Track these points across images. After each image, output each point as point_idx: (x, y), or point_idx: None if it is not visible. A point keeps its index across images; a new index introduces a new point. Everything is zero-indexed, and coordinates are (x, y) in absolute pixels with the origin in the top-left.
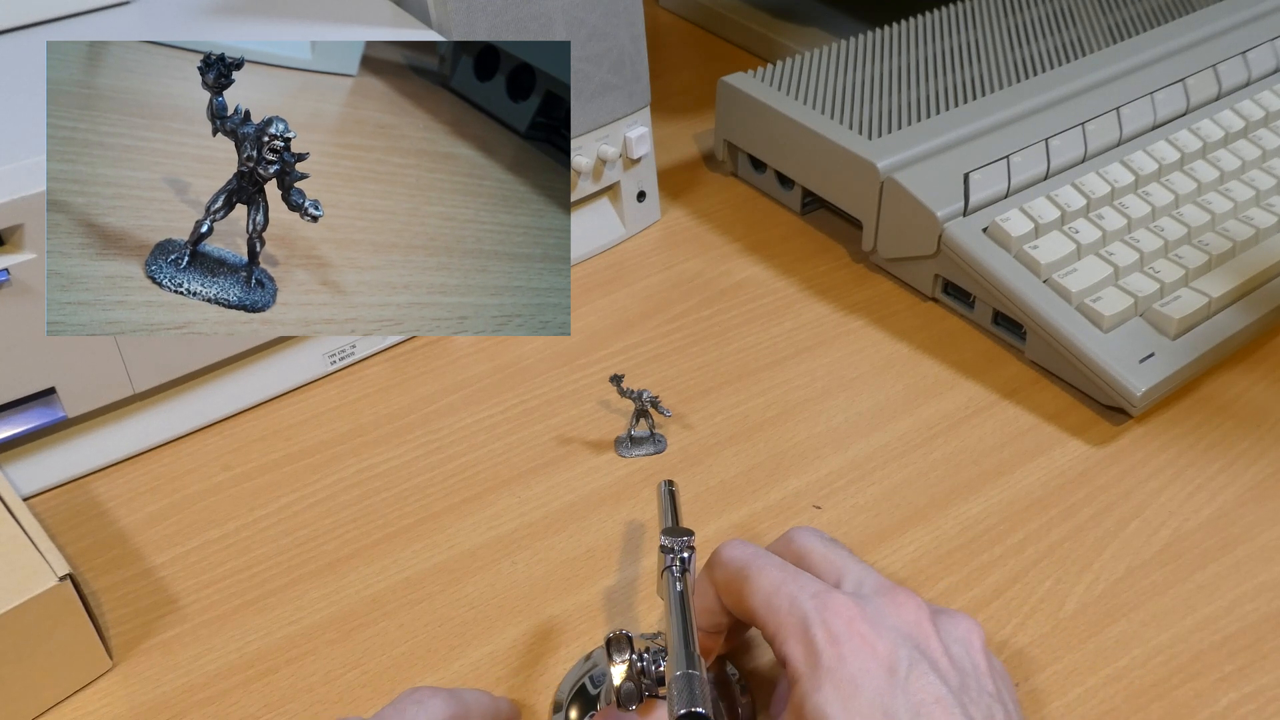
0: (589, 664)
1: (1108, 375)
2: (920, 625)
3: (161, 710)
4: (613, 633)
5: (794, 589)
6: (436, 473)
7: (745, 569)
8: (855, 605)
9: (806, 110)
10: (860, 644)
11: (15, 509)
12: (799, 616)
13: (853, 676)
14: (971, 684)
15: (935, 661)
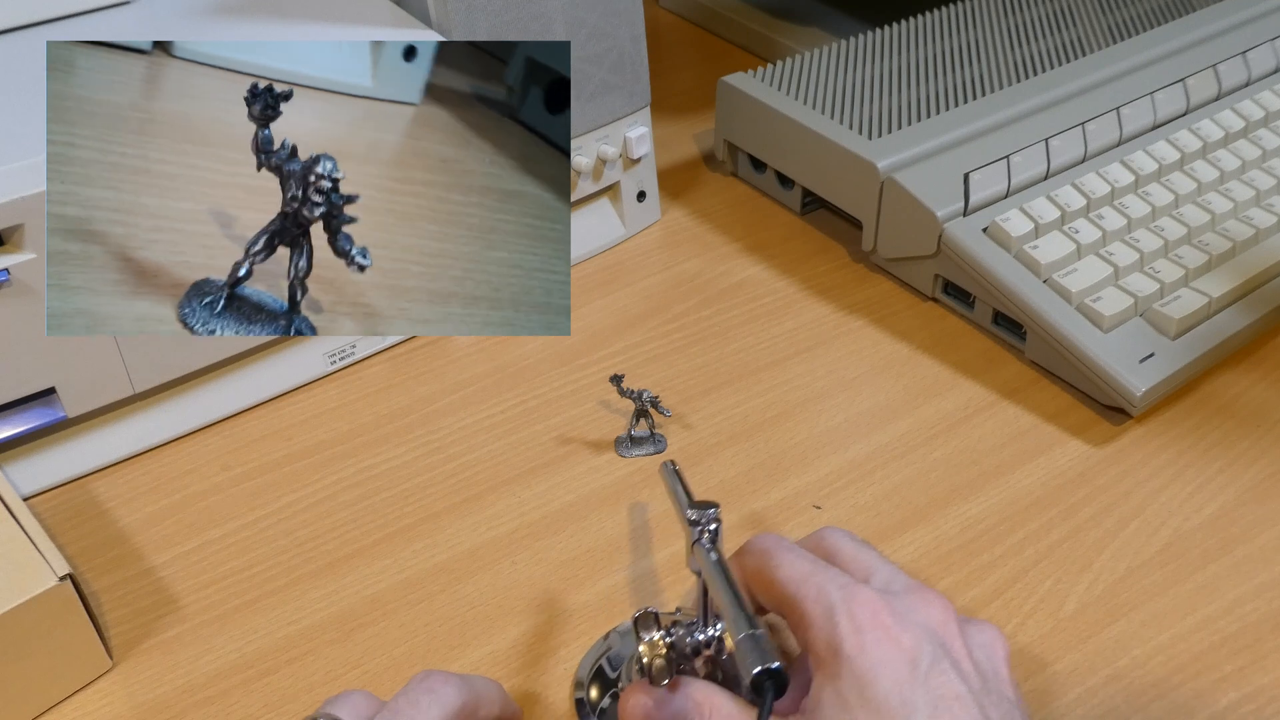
0: (605, 645)
1: (1108, 375)
2: (946, 626)
3: (161, 710)
4: (640, 611)
5: (822, 579)
6: (436, 473)
7: (775, 557)
8: (882, 599)
9: (806, 110)
10: (883, 635)
11: (15, 509)
12: (825, 605)
13: (873, 666)
14: (993, 688)
15: (958, 661)
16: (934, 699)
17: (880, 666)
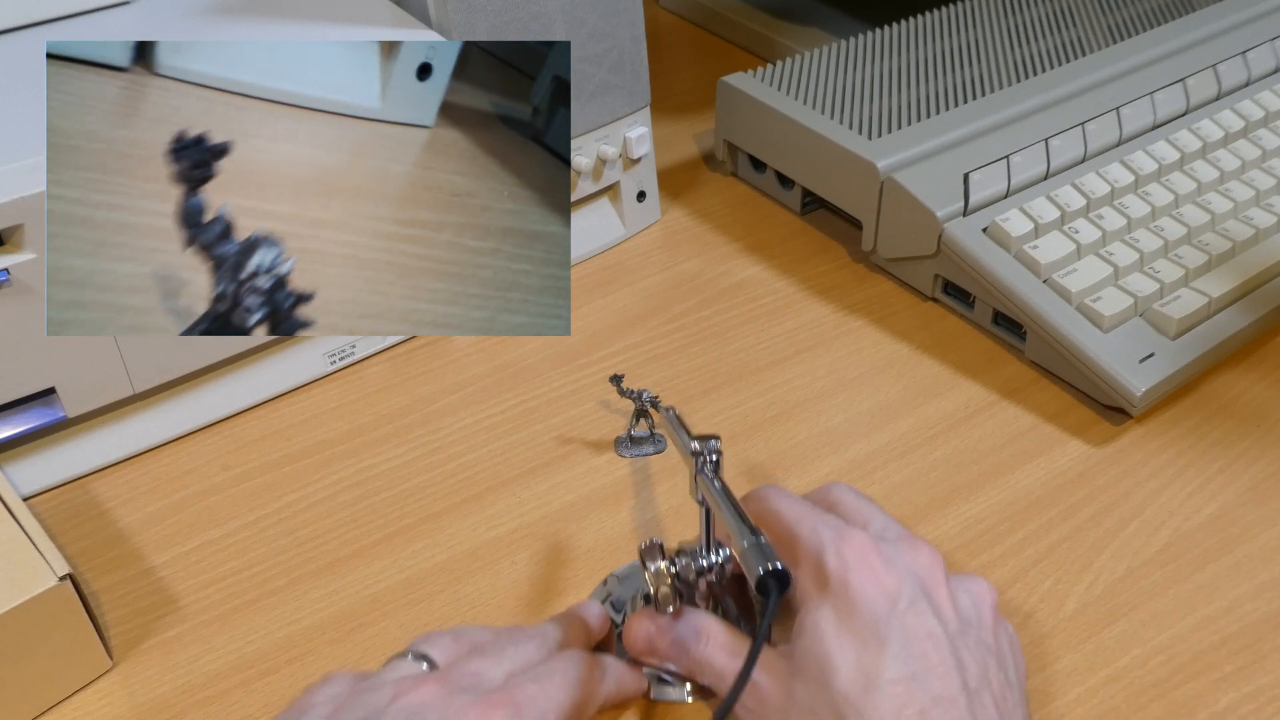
0: (604, 590)
1: (1108, 375)
2: (932, 572)
3: (161, 710)
4: (645, 542)
5: (818, 521)
6: (436, 473)
7: (776, 501)
8: (872, 542)
9: (806, 110)
10: (868, 573)
11: (15, 509)
12: (815, 544)
13: (854, 599)
14: (971, 633)
15: (938, 605)
16: (907, 634)
17: (861, 600)
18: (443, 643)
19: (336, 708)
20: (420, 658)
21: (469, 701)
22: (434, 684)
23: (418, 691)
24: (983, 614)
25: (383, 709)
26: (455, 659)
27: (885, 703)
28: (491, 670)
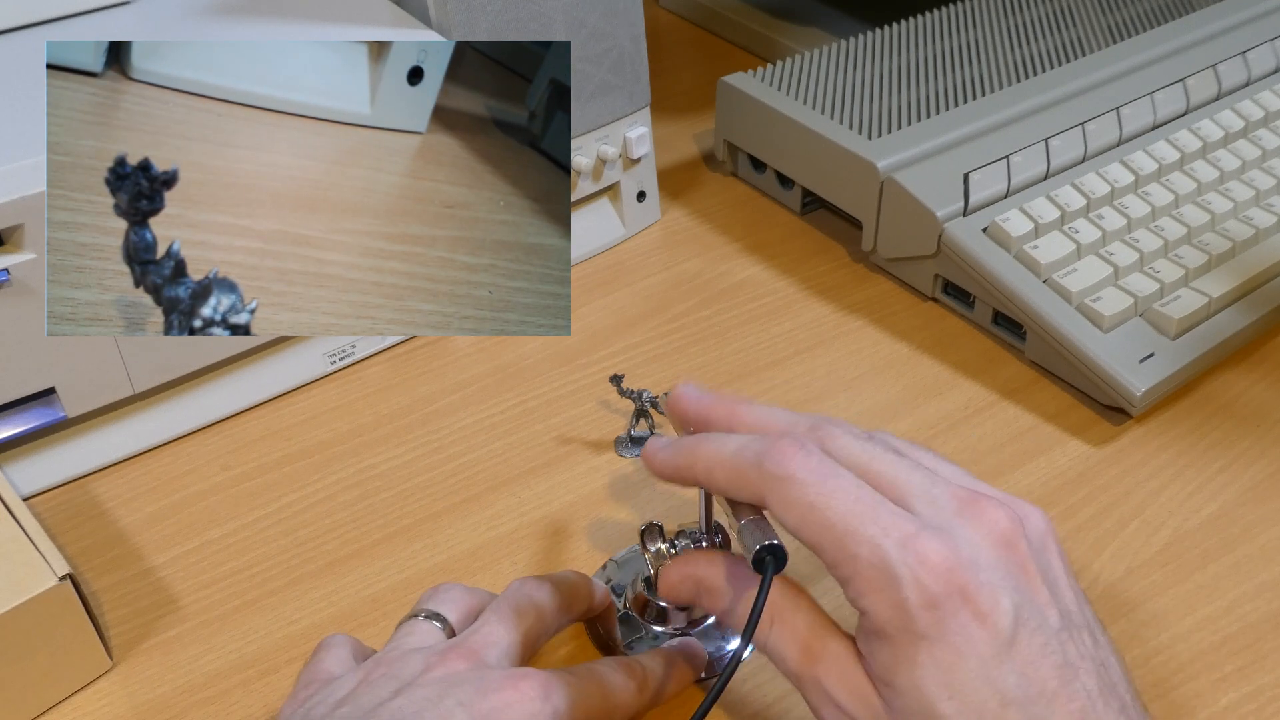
0: (604, 575)
1: (1108, 375)
2: (1016, 547)
3: (161, 710)
4: (645, 524)
5: (873, 530)
6: (436, 473)
7: (811, 493)
8: (947, 550)
9: (806, 110)
10: (960, 604)
11: (15, 509)
12: (883, 570)
13: (955, 647)
14: (1064, 608)
15: (1035, 598)
16: (1022, 667)
17: (963, 645)
18: (453, 597)
19: (365, 676)
20: (433, 616)
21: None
22: (461, 656)
23: (447, 663)
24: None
25: (413, 680)
26: (466, 618)
27: None
28: (508, 636)
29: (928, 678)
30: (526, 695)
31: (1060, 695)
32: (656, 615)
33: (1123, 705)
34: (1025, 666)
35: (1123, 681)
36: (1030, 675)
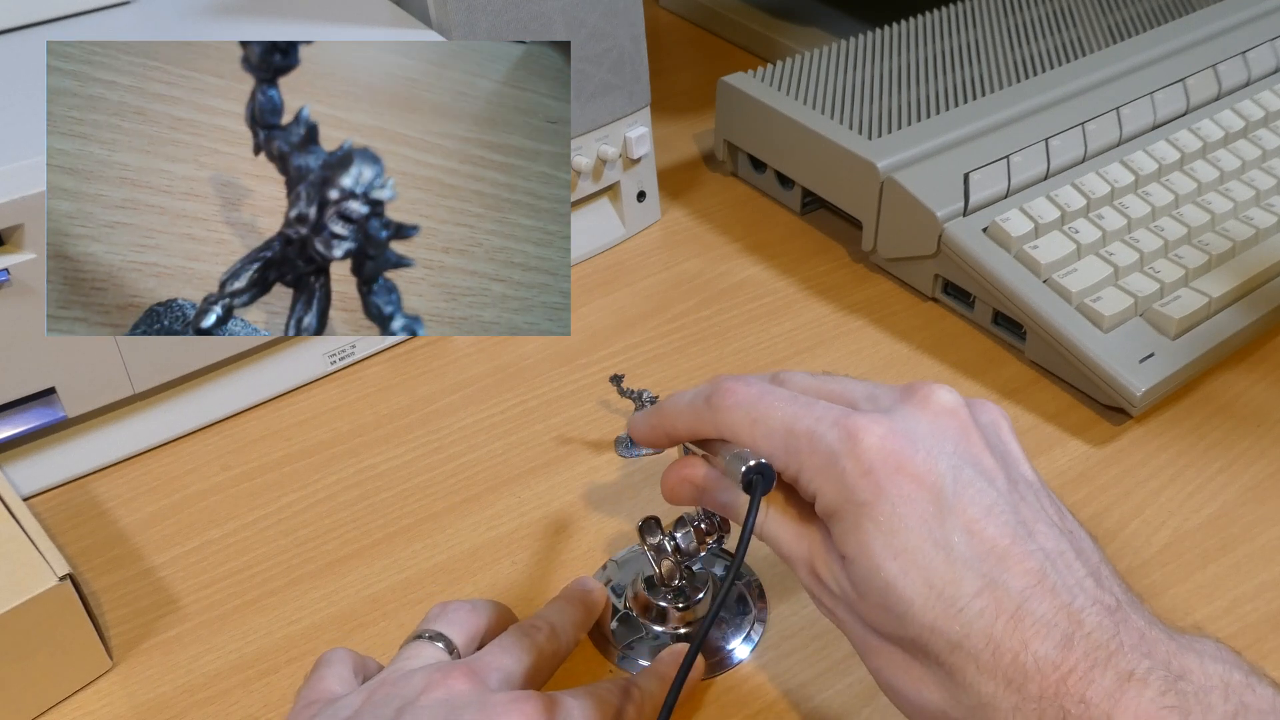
0: (604, 575)
1: (1108, 375)
2: (956, 415)
3: (161, 710)
4: (642, 519)
5: (810, 422)
6: (436, 473)
7: (752, 410)
8: (883, 422)
9: (806, 110)
10: (895, 468)
11: (15, 509)
12: (824, 452)
13: (895, 509)
14: (1016, 476)
15: (979, 461)
16: (967, 527)
17: (904, 507)
18: (457, 618)
19: (368, 696)
20: (437, 638)
21: (506, 701)
22: (464, 677)
23: (449, 683)
24: (1009, 444)
25: (415, 700)
26: (471, 639)
27: (976, 622)
28: (514, 666)
29: (873, 542)
30: (530, 717)
31: (1013, 554)
32: (656, 615)
33: (1093, 570)
34: (970, 524)
35: (1095, 552)
36: (977, 533)
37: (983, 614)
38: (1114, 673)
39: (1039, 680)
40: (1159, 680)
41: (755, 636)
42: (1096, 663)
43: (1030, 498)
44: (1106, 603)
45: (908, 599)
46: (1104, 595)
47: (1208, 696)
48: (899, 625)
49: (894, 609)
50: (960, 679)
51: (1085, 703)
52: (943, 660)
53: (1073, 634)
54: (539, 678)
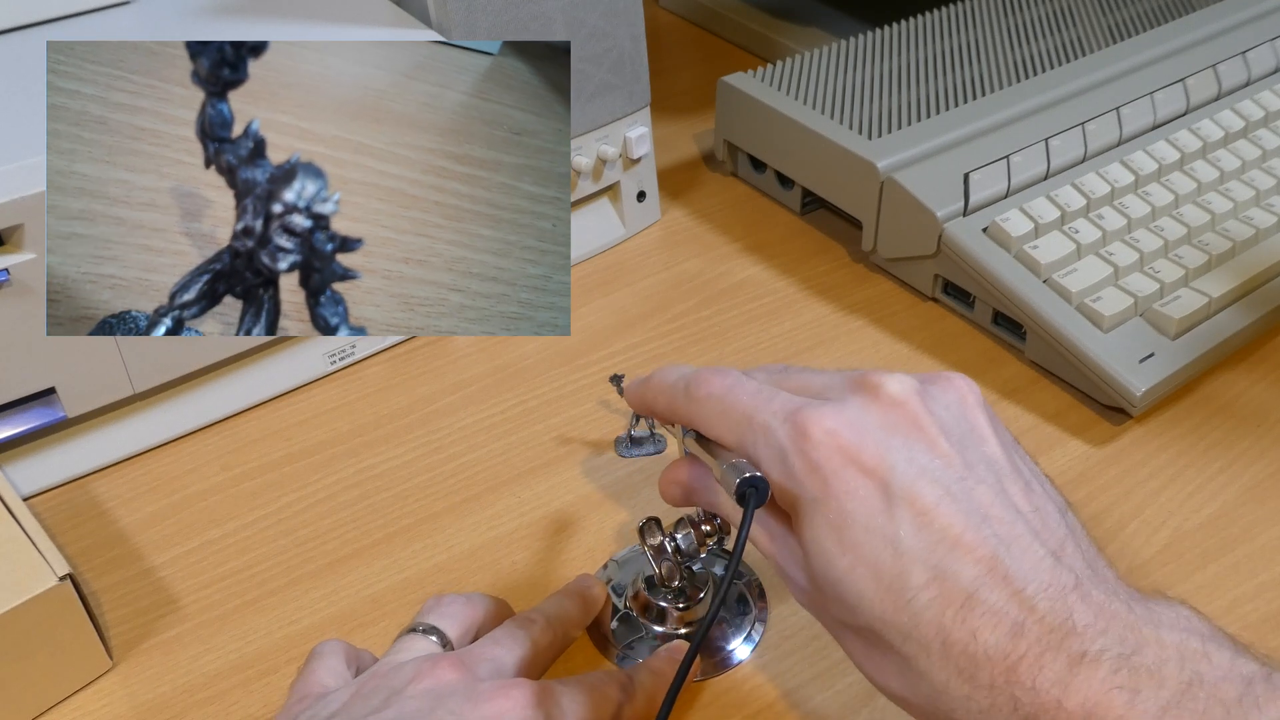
0: (605, 575)
1: (1108, 375)
2: (905, 406)
3: (161, 710)
4: (642, 520)
5: (767, 415)
6: (436, 473)
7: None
8: (830, 414)
9: (806, 110)
10: (842, 462)
11: (15, 509)
12: (775, 445)
13: (841, 504)
14: (974, 455)
15: (933, 446)
16: (915, 517)
17: (849, 502)
18: (451, 611)
19: (358, 689)
20: (430, 631)
21: (494, 688)
22: (453, 667)
23: (437, 673)
24: (972, 419)
25: (402, 690)
26: (465, 632)
27: (925, 613)
28: (506, 657)
29: (824, 537)
30: (519, 704)
31: (964, 541)
32: (657, 615)
33: (1054, 547)
34: (919, 514)
35: (1060, 524)
36: (927, 523)
37: (931, 605)
38: (1065, 656)
39: (989, 669)
40: (1111, 659)
41: (755, 636)
42: (1048, 648)
43: (989, 479)
44: (1064, 582)
45: (857, 592)
46: (1061, 575)
47: (1161, 669)
48: (853, 616)
49: (847, 601)
50: (915, 667)
51: (1035, 689)
52: (897, 649)
53: (1024, 621)
54: (533, 671)
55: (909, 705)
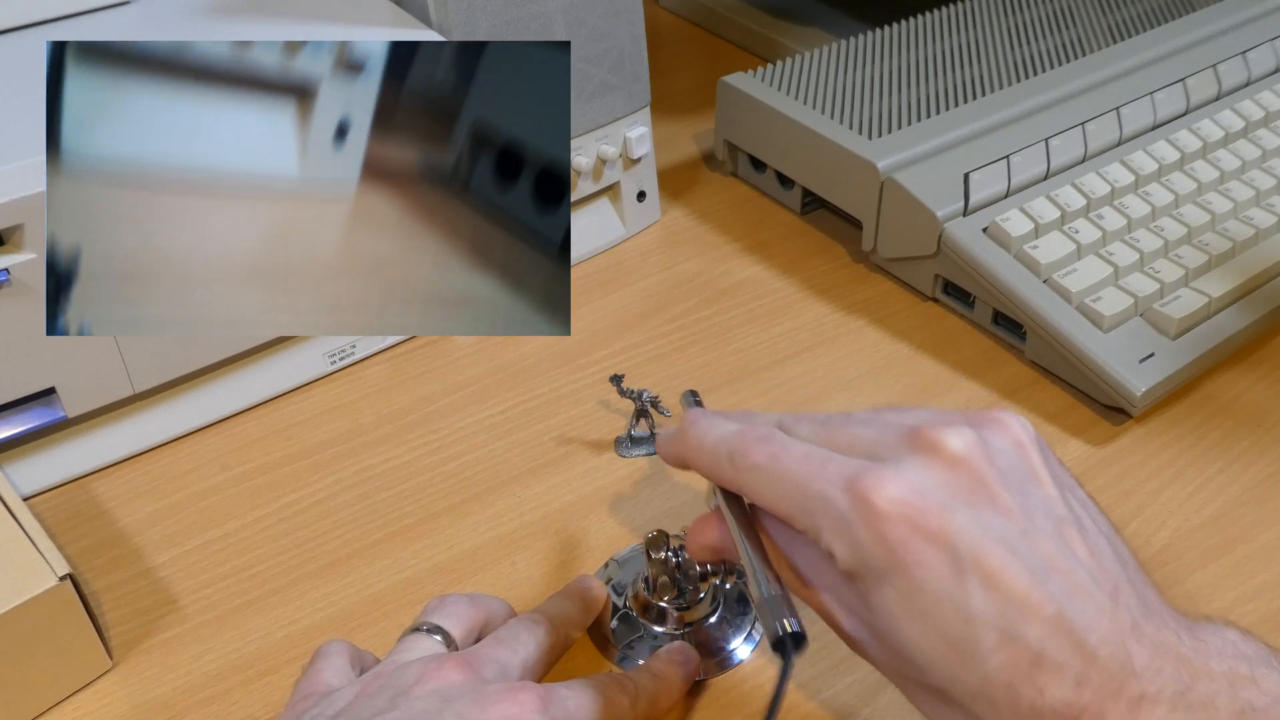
0: (605, 574)
1: (1108, 375)
2: (967, 464)
3: (161, 710)
4: (652, 532)
5: (822, 485)
6: (436, 473)
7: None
8: (892, 481)
9: (806, 110)
10: (908, 532)
11: (15, 509)
12: (836, 515)
13: (909, 575)
14: (1033, 503)
15: (995, 502)
16: (984, 579)
17: (919, 574)
18: (455, 611)
19: (363, 689)
20: (435, 630)
21: (501, 690)
22: (458, 668)
23: (443, 674)
24: (1031, 464)
25: (408, 690)
26: (469, 632)
27: (995, 675)
28: (510, 658)
29: (891, 606)
30: (526, 707)
31: (1031, 600)
32: (656, 615)
33: (1112, 590)
34: (987, 577)
35: (1114, 562)
36: (994, 585)
37: (1001, 668)
38: (1125, 701)
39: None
40: (1168, 698)
41: (756, 636)
42: (1108, 695)
43: (1048, 528)
44: (1122, 625)
45: (928, 658)
46: (1120, 617)
47: (1214, 701)
48: (922, 676)
49: (916, 664)
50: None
51: None
52: (966, 707)
53: (1086, 672)
54: (536, 671)
55: None
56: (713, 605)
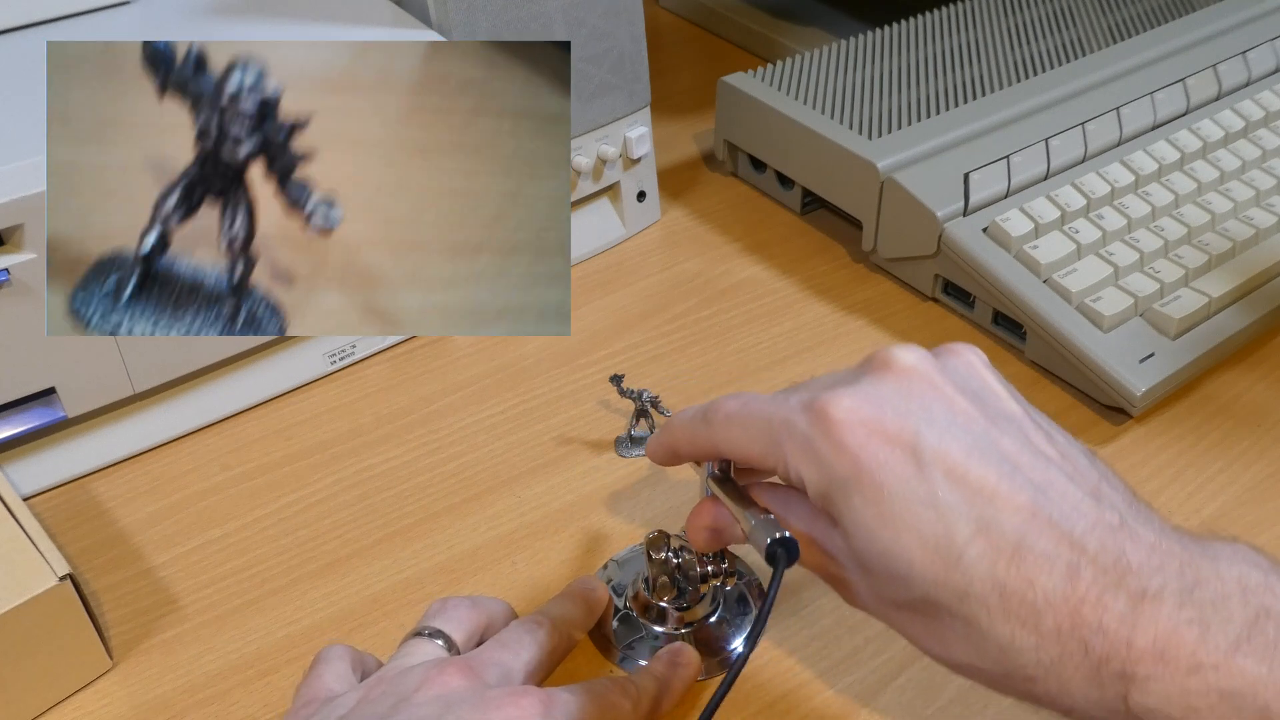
0: (604, 574)
1: (1108, 375)
2: (918, 370)
3: (161, 710)
4: (653, 532)
5: (785, 412)
6: (436, 473)
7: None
8: (847, 393)
9: (806, 110)
10: (866, 435)
11: (15, 509)
12: (799, 436)
13: (874, 477)
14: (991, 410)
15: (951, 405)
16: (949, 475)
17: (882, 474)
18: (456, 615)
19: (365, 694)
20: (436, 634)
21: (503, 695)
22: (460, 673)
23: (445, 679)
24: (986, 381)
25: (410, 696)
26: (470, 635)
27: (977, 567)
28: (512, 662)
29: (862, 514)
30: (528, 712)
31: (1000, 491)
32: (656, 615)
33: (1091, 490)
34: (951, 470)
35: (1091, 469)
36: (960, 478)
37: (981, 558)
38: (1126, 594)
39: (1052, 615)
40: (1173, 595)
41: None
42: (1107, 587)
43: (1012, 431)
44: (1109, 521)
45: (907, 561)
46: (1105, 514)
47: (1226, 604)
48: (907, 589)
49: (897, 574)
50: (977, 628)
51: (1102, 630)
52: (956, 612)
53: (1077, 562)
54: (539, 674)
55: (981, 674)
56: (713, 605)
